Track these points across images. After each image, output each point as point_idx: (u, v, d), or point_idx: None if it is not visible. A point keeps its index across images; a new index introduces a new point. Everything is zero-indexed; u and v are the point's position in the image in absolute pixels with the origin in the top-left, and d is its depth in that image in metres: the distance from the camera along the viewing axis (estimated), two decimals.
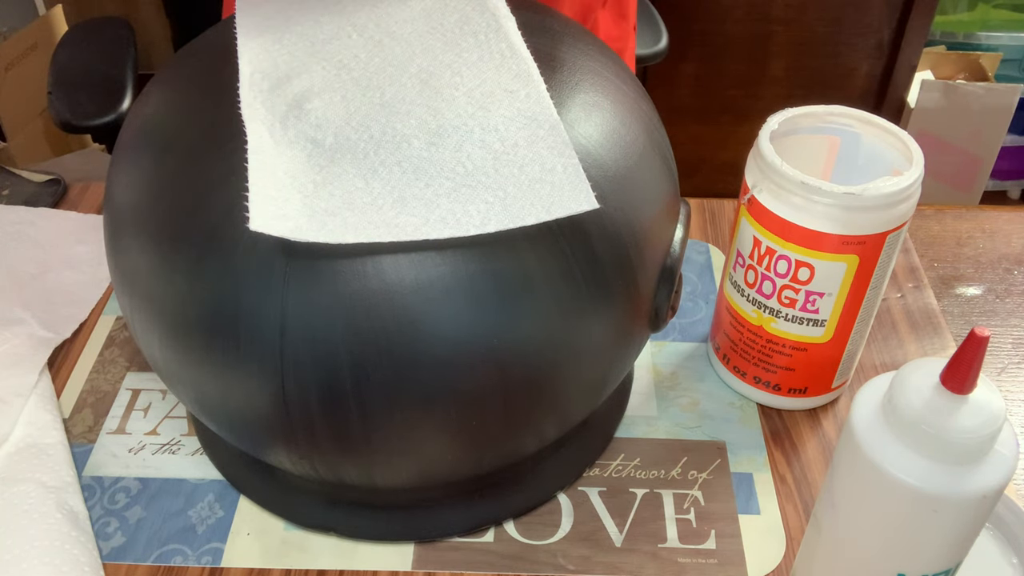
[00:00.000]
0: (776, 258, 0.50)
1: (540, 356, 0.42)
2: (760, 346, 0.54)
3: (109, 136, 0.98)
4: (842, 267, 0.49)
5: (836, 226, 0.48)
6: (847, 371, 0.56)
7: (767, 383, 0.56)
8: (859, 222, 0.47)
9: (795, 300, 0.51)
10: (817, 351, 0.53)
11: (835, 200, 0.47)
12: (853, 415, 0.38)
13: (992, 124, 1.74)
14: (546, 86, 0.44)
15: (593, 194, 0.39)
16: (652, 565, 0.49)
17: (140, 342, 0.46)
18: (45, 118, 1.69)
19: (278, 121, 0.42)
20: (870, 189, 0.47)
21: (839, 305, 0.51)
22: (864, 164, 0.53)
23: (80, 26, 1.09)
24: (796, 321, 0.52)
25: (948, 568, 0.39)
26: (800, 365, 0.54)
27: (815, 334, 0.52)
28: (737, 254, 0.53)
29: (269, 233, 0.37)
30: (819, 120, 0.53)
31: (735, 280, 0.54)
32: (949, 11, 1.86)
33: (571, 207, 0.39)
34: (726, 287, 0.56)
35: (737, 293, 0.54)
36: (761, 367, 0.55)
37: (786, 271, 0.50)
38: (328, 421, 0.41)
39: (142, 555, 0.50)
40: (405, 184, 0.39)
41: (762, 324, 0.53)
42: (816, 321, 0.52)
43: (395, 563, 0.49)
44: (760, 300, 0.52)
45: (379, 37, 0.46)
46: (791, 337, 0.53)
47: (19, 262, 0.66)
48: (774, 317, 0.52)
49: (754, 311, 0.53)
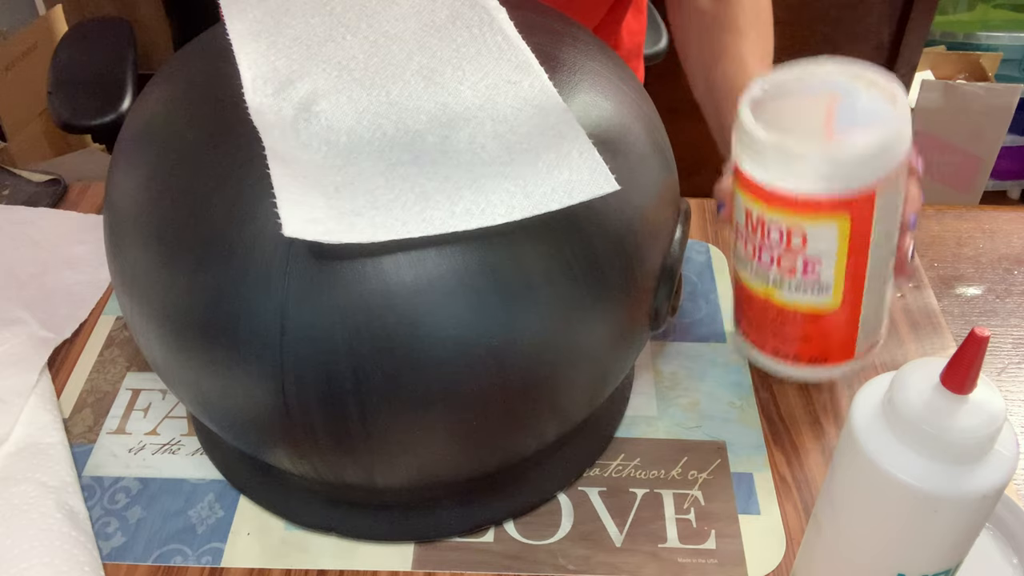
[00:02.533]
0: (768, 227, 0.48)
1: (540, 356, 0.42)
2: (772, 317, 0.52)
3: (109, 136, 0.98)
4: (833, 229, 0.47)
5: (818, 185, 0.45)
6: (872, 335, 0.52)
7: (786, 355, 0.53)
8: (840, 178, 0.45)
9: (795, 268, 0.49)
10: (830, 318, 0.50)
11: (811, 158, 0.45)
12: (853, 415, 0.38)
13: (992, 124, 1.74)
14: None
15: (612, 176, 0.39)
16: (652, 565, 0.49)
17: (140, 342, 0.46)
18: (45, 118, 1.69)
19: (289, 125, 0.42)
20: (842, 142, 0.45)
21: (841, 269, 0.48)
22: (863, 120, 0.49)
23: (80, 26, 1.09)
24: (800, 289, 0.49)
25: (948, 568, 0.39)
26: (815, 334, 0.51)
27: (823, 301, 0.50)
28: (736, 227, 0.52)
29: (303, 238, 0.37)
30: (810, 79, 0.50)
31: (739, 254, 0.52)
32: (949, 11, 1.86)
33: (592, 190, 0.39)
34: (735, 262, 0.53)
35: (743, 267, 0.52)
36: (777, 339, 0.52)
37: (780, 239, 0.48)
38: (328, 421, 0.41)
39: (142, 555, 0.50)
40: (425, 179, 0.39)
41: (769, 296, 0.51)
42: (820, 287, 0.49)
43: (395, 563, 0.49)
44: (762, 271, 0.50)
45: (374, 37, 0.46)
46: (800, 306, 0.50)
47: (19, 262, 0.66)
48: (778, 287, 0.50)
49: (759, 283, 0.51)
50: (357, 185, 0.39)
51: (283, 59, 0.45)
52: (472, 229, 0.38)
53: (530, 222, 0.39)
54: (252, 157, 0.40)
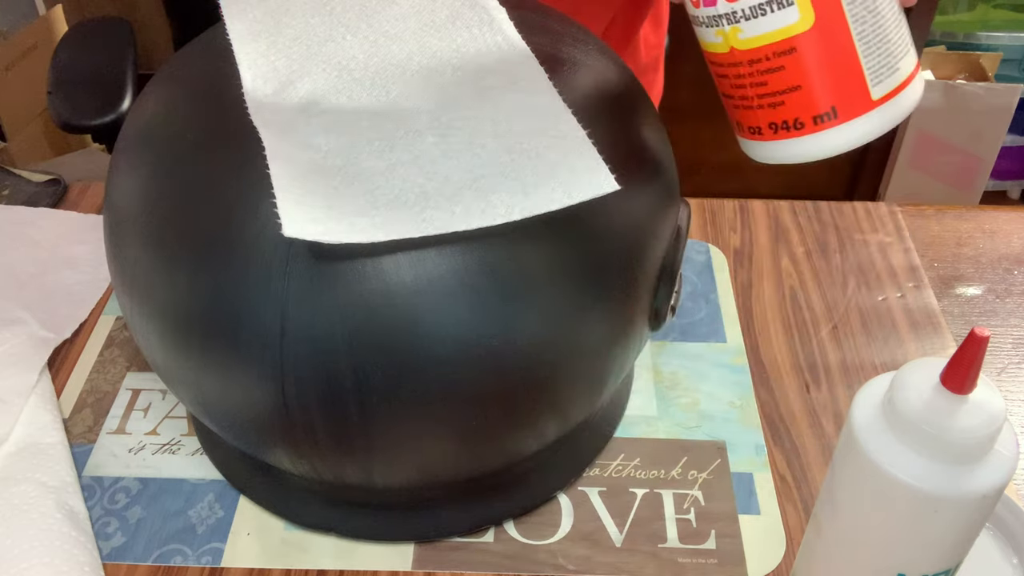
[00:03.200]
0: None
1: (540, 356, 0.42)
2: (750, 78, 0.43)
3: (109, 136, 0.98)
4: None
5: None
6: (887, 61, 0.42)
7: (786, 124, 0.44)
8: None
9: None
10: (811, 46, 0.41)
11: None
12: (853, 415, 0.38)
13: (992, 124, 1.74)
14: None
15: (612, 176, 0.39)
16: (652, 565, 0.49)
17: (140, 342, 0.46)
18: (45, 118, 1.69)
19: (289, 125, 0.42)
20: None
21: None
22: None
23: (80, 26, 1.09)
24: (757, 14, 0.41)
25: (948, 568, 0.39)
26: (801, 76, 0.42)
27: (789, 20, 0.41)
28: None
29: (303, 238, 0.37)
30: None
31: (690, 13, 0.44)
32: (949, 11, 1.86)
33: (592, 190, 0.39)
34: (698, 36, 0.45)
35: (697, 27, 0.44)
36: (767, 107, 0.44)
37: None
38: (328, 421, 0.41)
39: (142, 555, 0.50)
40: (425, 179, 0.39)
41: (732, 46, 0.42)
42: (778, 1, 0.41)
43: (395, 563, 0.49)
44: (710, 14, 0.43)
45: (374, 37, 0.46)
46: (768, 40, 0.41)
47: (19, 262, 0.66)
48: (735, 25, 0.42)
49: (717, 34, 0.43)
50: (357, 185, 0.39)
51: (283, 59, 0.45)
52: (472, 229, 0.38)
53: (530, 222, 0.39)
54: (252, 157, 0.40)
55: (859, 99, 0.42)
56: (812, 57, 0.41)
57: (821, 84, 0.42)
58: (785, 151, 0.44)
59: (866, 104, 0.42)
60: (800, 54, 0.41)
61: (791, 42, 0.41)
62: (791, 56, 0.42)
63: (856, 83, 0.42)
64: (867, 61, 0.42)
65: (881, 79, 0.42)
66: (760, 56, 0.42)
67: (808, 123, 0.43)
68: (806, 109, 0.43)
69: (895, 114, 0.43)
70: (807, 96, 0.42)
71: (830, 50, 0.41)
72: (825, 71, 0.42)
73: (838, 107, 0.42)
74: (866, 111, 0.42)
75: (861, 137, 0.43)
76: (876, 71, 0.42)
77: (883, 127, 0.43)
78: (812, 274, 0.67)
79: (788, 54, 0.42)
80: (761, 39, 0.42)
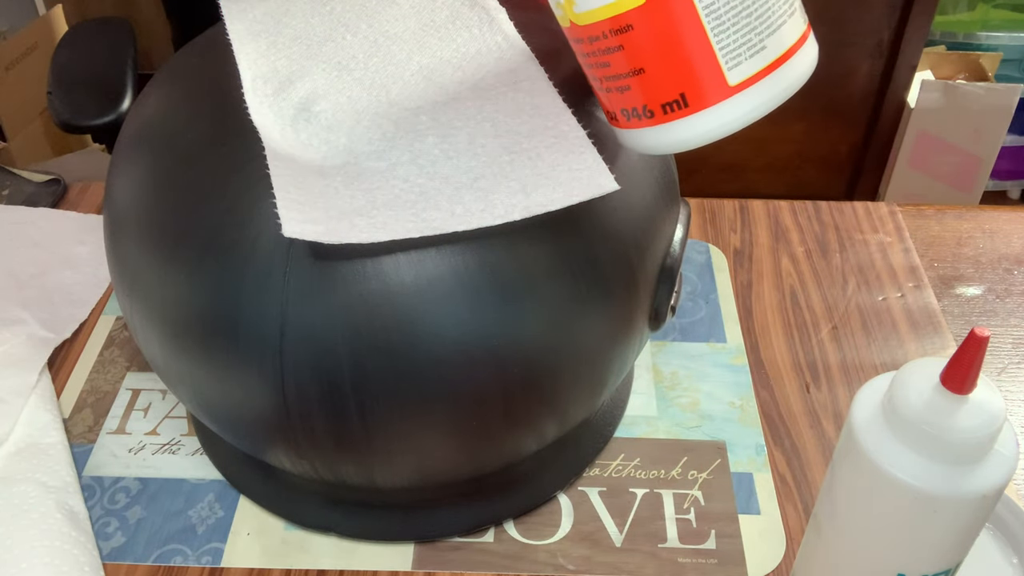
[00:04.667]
0: None
1: (540, 356, 0.42)
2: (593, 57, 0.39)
3: (109, 136, 0.98)
4: None
5: None
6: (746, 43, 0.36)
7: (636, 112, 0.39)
8: None
9: None
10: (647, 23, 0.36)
11: None
12: (853, 415, 0.38)
13: (992, 124, 1.74)
14: None
15: (612, 176, 0.39)
16: (652, 565, 0.49)
17: (140, 342, 0.46)
18: (45, 118, 1.69)
19: (288, 125, 0.42)
20: None
21: None
22: None
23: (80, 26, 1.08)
24: None
25: (948, 568, 0.39)
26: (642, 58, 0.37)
27: None
28: None
29: (303, 238, 0.37)
30: None
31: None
32: (949, 11, 1.86)
33: (592, 190, 0.39)
34: None
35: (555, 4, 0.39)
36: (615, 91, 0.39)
37: None
38: (328, 421, 0.41)
39: (142, 555, 0.50)
40: (425, 179, 0.39)
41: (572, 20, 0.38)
42: None
43: (395, 563, 0.49)
44: None
45: (374, 37, 0.46)
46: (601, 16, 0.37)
47: (19, 262, 0.66)
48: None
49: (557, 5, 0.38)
50: (357, 185, 0.39)
51: (283, 59, 0.45)
52: (472, 229, 0.38)
53: (530, 222, 0.39)
54: (252, 157, 0.40)
55: (712, 85, 0.37)
56: (650, 36, 0.36)
57: (664, 67, 0.37)
58: (638, 141, 0.40)
59: (721, 91, 0.37)
60: (637, 32, 0.36)
61: (625, 18, 0.36)
62: (629, 35, 0.37)
63: (707, 66, 0.36)
64: (719, 40, 0.36)
65: (739, 61, 0.36)
66: (597, 33, 0.37)
67: (657, 111, 0.38)
68: (653, 96, 0.38)
69: (766, 99, 0.37)
70: (651, 81, 0.37)
71: (671, 28, 0.36)
72: (667, 52, 0.36)
73: (687, 94, 0.37)
74: (721, 99, 0.37)
75: (719, 128, 0.38)
76: (732, 52, 0.36)
77: (751, 115, 0.37)
78: (812, 274, 0.67)
79: (624, 32, 0.37)
80: (594, 14, 0.37)
